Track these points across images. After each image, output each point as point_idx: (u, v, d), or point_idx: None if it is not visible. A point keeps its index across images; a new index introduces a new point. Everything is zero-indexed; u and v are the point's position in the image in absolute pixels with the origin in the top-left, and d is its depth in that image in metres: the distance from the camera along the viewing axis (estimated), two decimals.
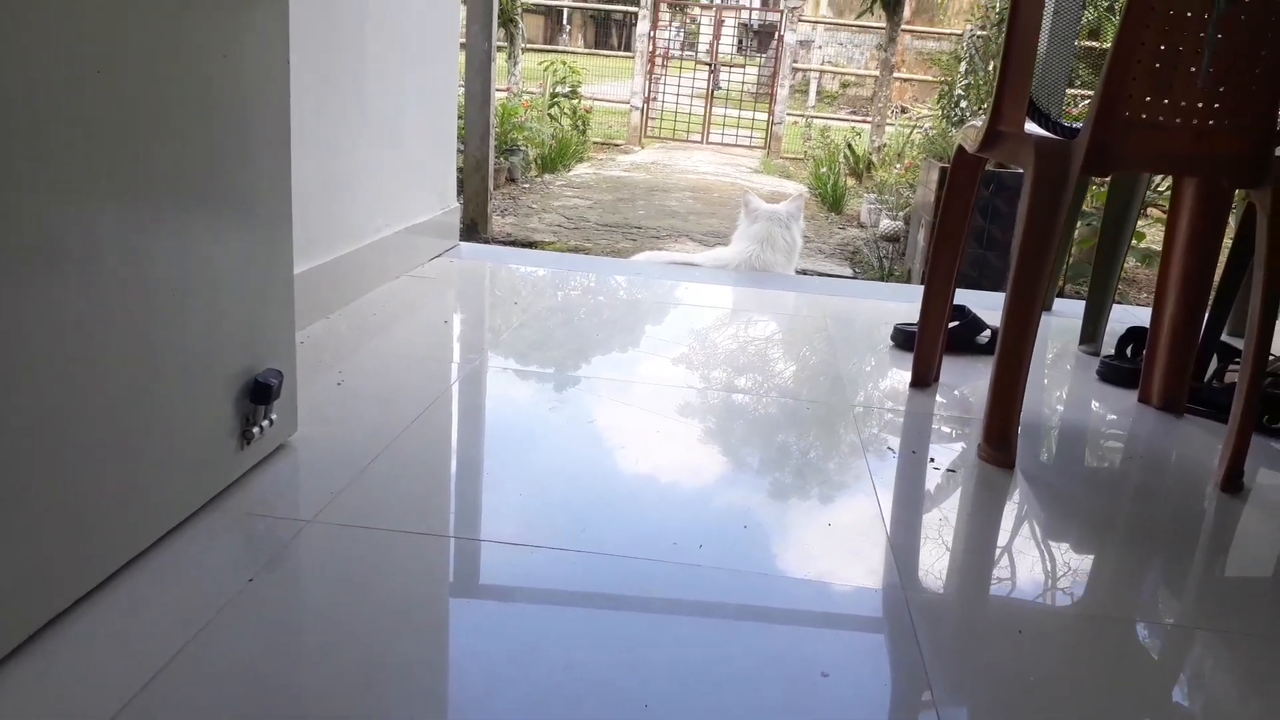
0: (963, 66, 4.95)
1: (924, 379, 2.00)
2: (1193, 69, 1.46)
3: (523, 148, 7.07)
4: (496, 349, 2.03)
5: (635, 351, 2.13)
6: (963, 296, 2.16)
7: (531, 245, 4.91)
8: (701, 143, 11.09)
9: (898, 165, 6.75)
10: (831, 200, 6.95)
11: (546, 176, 7.43)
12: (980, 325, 2.28)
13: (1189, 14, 1.43)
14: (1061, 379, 2.21)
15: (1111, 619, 1.19)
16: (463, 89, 4.08)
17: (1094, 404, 2.04)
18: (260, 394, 1.30)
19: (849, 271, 4.91)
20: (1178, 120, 1.49)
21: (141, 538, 1.12)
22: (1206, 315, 1.97)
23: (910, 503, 1.48)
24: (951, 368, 2.09)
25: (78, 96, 0.93)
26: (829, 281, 3.38)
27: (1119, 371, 2.12)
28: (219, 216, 1.20)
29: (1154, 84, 1.47)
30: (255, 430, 1.32)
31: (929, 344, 1.99)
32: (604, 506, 1.37)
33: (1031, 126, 1.62)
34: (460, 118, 3.20)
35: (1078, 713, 1.01)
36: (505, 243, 4.93)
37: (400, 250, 2.55)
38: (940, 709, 0.98)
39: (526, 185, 6.81)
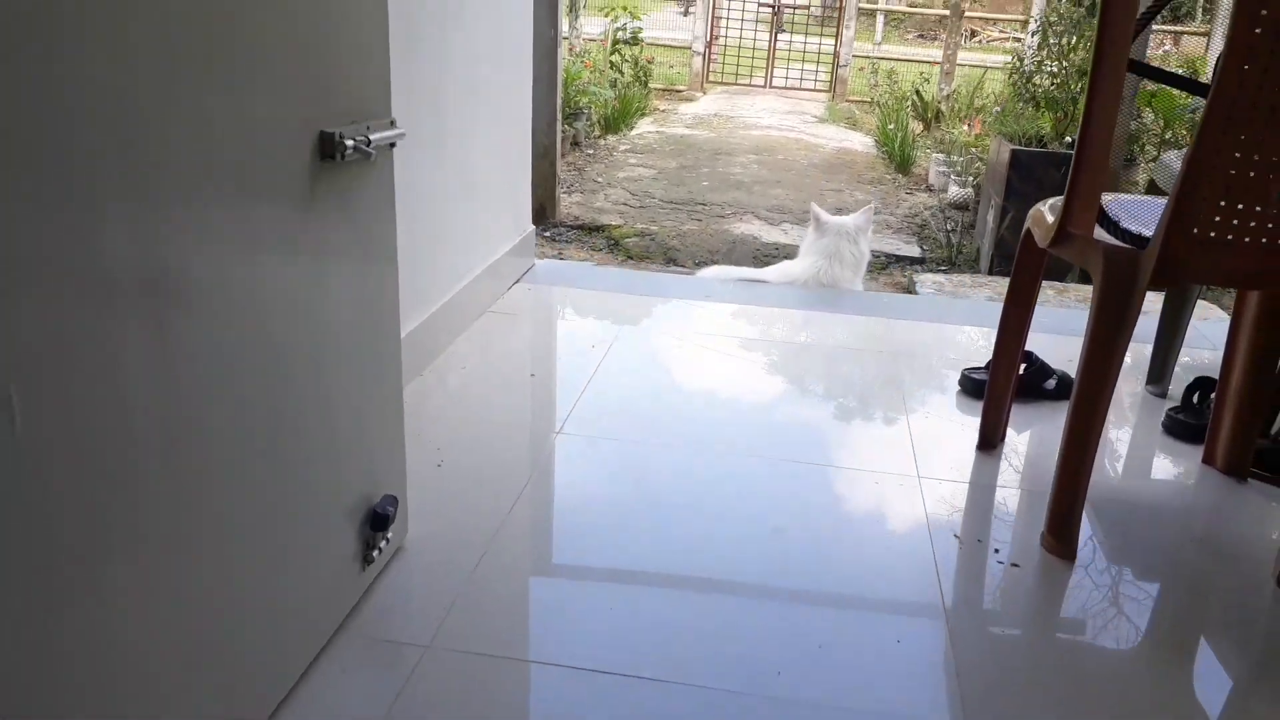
0: (1031, 41, 4.82)
1: (990, 441, 2.07)
2: (1266, 188, 1.48)
3: (586, 110, 7.09)
4: (581, 410, 2.14)
5: (703, 405, 2.23)
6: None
7: (599, 229, 4.99)
8: (765, 86, 10.93)
9: (966, 125, 6.62)
10: (899, 160, 6.86)
11: (610, 138, 7.45)
12: (1048, 372, 2.33)
13: (1262, 139, 1.45)
14: (1127, 430, 2.25)
15: None
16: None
17: (1157, 466, 2.10)
18: (379, 523, 1.44)
19: (916, 251, 4.91)
20: (1247, 239, 1.52)
21: (289, 675, 1.26)
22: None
23: (975, 608, 1.57)
24: (1019, 416, 2.16)
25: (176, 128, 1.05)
26: (897, 302, 3.40)
27: (1185, 427, 2.16)
28: (331, 361, 1.32)
29: (1225, 203, 1.50)
30: (375, 553, 1.46)
31: (996, 406, 2.06)
32: (685, 631, 1.49)
33: (1101, 231, 1.66)
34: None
35: None
36: (573, 226, 5.02)
37: (483, 288, 2.64)
38: None
39: (590, 151, 6.85)
